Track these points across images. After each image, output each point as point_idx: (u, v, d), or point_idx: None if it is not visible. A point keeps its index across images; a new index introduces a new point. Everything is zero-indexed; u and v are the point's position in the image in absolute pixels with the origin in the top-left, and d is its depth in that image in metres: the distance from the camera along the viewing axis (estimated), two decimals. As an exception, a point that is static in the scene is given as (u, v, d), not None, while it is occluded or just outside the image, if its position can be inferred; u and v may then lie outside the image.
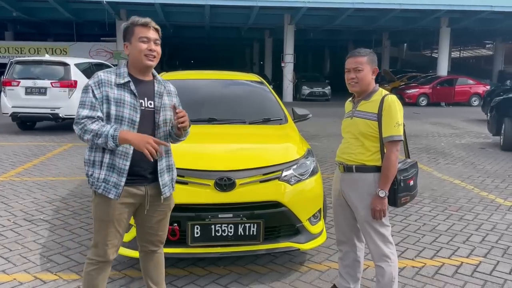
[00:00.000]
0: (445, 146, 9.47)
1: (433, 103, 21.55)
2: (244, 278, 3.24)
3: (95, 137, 2.14)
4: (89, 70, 11.01)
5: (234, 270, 3.36)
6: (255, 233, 3.04)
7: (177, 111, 2.27)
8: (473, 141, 10.30)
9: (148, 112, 2.32)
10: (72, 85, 10.03)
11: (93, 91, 2.21)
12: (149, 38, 2.28)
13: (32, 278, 3.19)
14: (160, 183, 2.35)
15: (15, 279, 3.17)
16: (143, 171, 2.31)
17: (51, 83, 9.91)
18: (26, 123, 10.88)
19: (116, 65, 18.28)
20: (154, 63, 2.31)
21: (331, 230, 3.92)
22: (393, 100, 2.60)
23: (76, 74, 10.24)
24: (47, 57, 11.30)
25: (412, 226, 4.41)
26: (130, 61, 2.33)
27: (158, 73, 2.56)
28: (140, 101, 2.29)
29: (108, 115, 2.22)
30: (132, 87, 2.28)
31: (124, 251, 3.04)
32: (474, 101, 21.78)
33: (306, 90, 23.59)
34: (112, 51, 23.49)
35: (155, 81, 2.41)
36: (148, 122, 2.31)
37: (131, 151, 2.24)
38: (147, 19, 2.30)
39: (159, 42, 2.34)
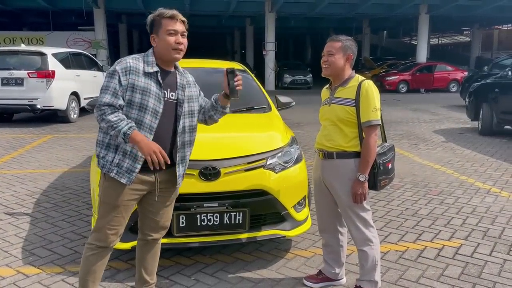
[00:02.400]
0: (425, 132, 9.61)
1: (413, 89, 21.83)
2: (230, 267, 3.25)
3: (110, 128, 2.16)
4: (67, 60, 10.80)
5: (220, 259, 3.37)
6: (240, 221, 3.04)
7: (237, 73, 2.34)
8: (452, 126, 10.49)
9: (170, 103, 2.33)
10: (50, 75, 9.79)
11: (119, 77, 2.20)
12: (177, 31, 2.27)
13: (15, 272, 3.13)
14: (177, 173, 2.40)
15: (-4, 274, 3.12)
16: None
17: (28, 73, 9.66)
18: (3, 115, 10.61)
19: (95, 54, 18.07)
20: (181, 56, 2.32)
21: (315, 217, 3.95)
22: (370, 85, 2.63)
23: (53, 64, 10.01)
24: (23, 46, 11.02)
25: (394, 211, 4.47)
26: (157, 53, 2.32)
27: None
28: (164, 91, 2.29)
29: (130, 102, 2.22)
30: (159, 77, 2.28)
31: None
32: (453, 87, 22.12)
33: (288, 78, 23.59)
34: (90, 40, 23.02)
35: (177, 72, 2.40)
36: (170, 114, 2.33)
37: (150, 140, 2.25)
38: (174, 12, 2.29)
39: (186, 34, 2.33)
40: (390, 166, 2.79)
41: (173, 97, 2.34)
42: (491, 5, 23.68)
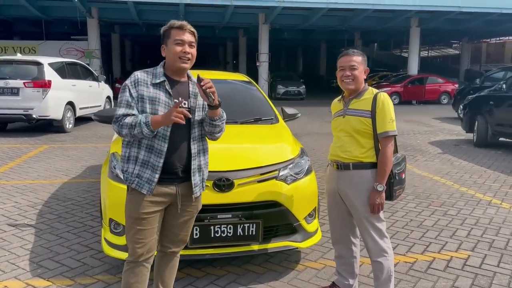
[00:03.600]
0: (421, 143, 9.71)
1: (405, 101, 22.05)
2: (242, 279, 3.23)
3: (131, 129, 2.19)
4: (63, 70, 10.74)
5: (231, 270, 3.35)
6: (254, 233, 3.04)
7: (201, 77, 2.21)
8: (447, 138, 10.61)
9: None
10: (46, 85, 9.74)
11: (129, 90, 2.27)
12: (184, 41, 2.30)
13: (24, 284, 3.09)
14: (192, 182, 2.38)
15: (6, 286, 3.06)
16: (176, 169, 2.34)
17: (24, 83, 9.59)
18: (-3, 125, 10.51)
19: (88, 64, 17.99)
20: (188, 65, 2.33)
21: (323, 228, 3.96)
22: (385, 97, 2.71)
23: (50, 74, 9.96)
24: (19, 56, 10.94)
25: (399, 222, 4.50)
26: (166, 62, 2.37)
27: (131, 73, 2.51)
28: (175, 100, 2.30)
29: (142, 113, 2.25)
30: (167, 86, 2.31)
31: (120, 254, 2.99)
32: (444, 99, 22.42)
33: (281, 89, 23.72)
34: (83, 50, 22.93)
35: (189, 82, 2.42)
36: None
37: (165, 149, 2.27)
38: (184, 22, 2.32)
39: (194, 44, 2.36)
40: (403, 176, 2.84)
41: (186, 106, 2.36)
42: (480, 19, 24.16)
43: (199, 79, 2.22)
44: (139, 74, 2.32)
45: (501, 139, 8.97)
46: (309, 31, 31.25)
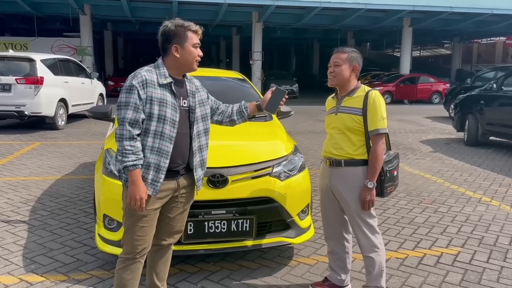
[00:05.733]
0: (413, 142, 9.79)
1: (397, 100, 22.21)
2: (235, 274, 3.26)
3: (119, 153, 2.20)
4: (55, 66, 10.69)
5: (224, 266, 3.38)
6: (247, 228, 3.07)
7: (286, 96, 2.59)
8: (438, 137, 10.71)
9: (183, 111, 2.37)
10: (39, 81, 9.68)
11: (138, 91, 2.22)
12: (199, 44, 2.35)
13: (18, 280, 3.09)
14: (195, 177, 2.42)
15: (-1, 282, 3.07)
16: (178, 166, 2.36)
17: (16, 79, 9.52)
18: (-12, 121, 10.43)
19: (80, 61, 17.87)
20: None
21: (315, 224, 4.01)
22: (376, 95, 2.74)
23: (42, 70, 9.90)
24: (11, 52, 10.85)
25: (391, 219, 4.56)
26: (175, 62, 2.34)
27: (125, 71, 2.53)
28: (178, 100, 2.33)
29: (150, 115, 2.24)
30: (174, 87, 2.32)
31: (114, 250, 3.00)
32: (435, 98, 22.60)
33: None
34: (75, 47, 22.75)
35: (185, 80, 2.45)
36: (185, 121, 2.37)
37: (171, 150, 2.29)
38: (198, 26, 2.38)
39: None
40: (395, 173, 2.88)
41: (186, 105, 2.39)
42: (471, 19, 24.37)
43: (283, 93, 2.63)
44: (146, 75, 2.25)
45: (491, 138, 9.08)
46: (302, 30, 31.29)
